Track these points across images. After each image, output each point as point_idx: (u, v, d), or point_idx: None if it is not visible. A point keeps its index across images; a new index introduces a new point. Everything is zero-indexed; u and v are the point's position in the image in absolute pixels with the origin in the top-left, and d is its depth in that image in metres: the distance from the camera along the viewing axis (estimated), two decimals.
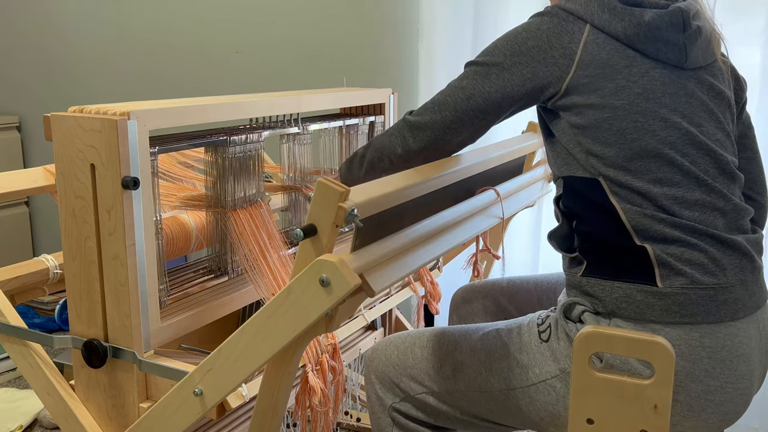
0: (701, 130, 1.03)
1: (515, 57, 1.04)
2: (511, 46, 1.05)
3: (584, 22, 1.03)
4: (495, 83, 1.05)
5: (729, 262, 1.01)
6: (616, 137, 1.01)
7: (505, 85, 1.05)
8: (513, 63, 1.04)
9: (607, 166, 1.02)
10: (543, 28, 1.04)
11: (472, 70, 1.08)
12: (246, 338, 0.94)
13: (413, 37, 2.20)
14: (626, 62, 1.02)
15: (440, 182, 1.12)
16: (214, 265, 1.33)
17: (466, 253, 1.81)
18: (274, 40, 2.44)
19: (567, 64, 1.02)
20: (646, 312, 1.00)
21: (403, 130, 1.13)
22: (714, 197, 1.02)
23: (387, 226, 1.00)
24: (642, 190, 1.01)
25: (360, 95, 1.56)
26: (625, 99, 1.01)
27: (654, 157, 1.01)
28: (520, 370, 1.09)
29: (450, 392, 1.16)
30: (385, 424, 1.22)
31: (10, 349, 1.19)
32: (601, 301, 1.03)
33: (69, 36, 2.79)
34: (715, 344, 0.99)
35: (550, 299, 1.42)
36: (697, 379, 0.99)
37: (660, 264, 1.00)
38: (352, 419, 1.95)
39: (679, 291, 0.99)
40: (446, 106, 1.08)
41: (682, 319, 0.99)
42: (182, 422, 1.03)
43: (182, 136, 1.24)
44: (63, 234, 1.11)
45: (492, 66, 1.06)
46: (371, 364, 1.25)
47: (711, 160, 1.03)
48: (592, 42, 1.02)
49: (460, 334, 1.19)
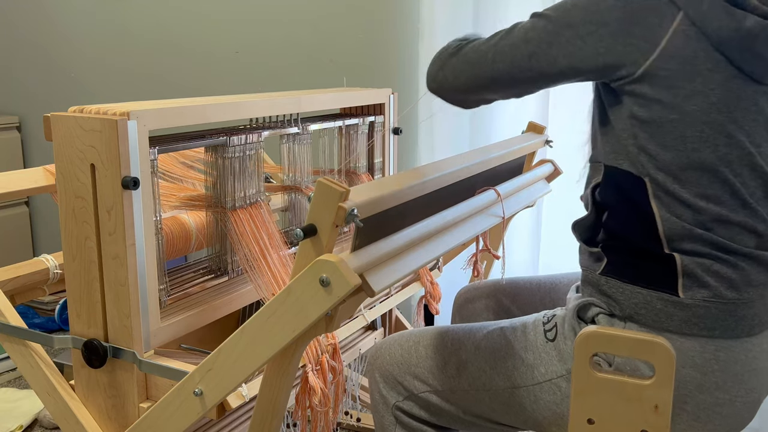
0: (759, 150, 0.98)
1: (593, 24, 0.93)
2: (591, 10, 0.94)
3: (678, 9, 0.92)
4: (564, 48, 0.95)
5: (755, 278, 0.98)
6: (677, 142, 0.95)
7: (574, 52, 0.95)
8: (589, 31, 0.94)
9: (657, 168, 0.96)
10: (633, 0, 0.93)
11: (541, 25, 0.97)
12: (246, 338, 0.94)
13: (413, 37, 2.19)
14: (710, 65, 0.93)
15: (440, 182, 1.12)
16: (214, 265, 1.33)
17: (466, 253, 1.80)
18: (274, 40, 2.44)
19: (648, 49, 0.93)
20: (665, 321, 0.98)
21: (446, 59, 1.07)
22: (755, 221, 0.98)
23: (387, 226, 1.00)
24: (687, 201, 0.96)
25: (360, 95, 1.56)
26: (698, 105, 0.93)
27: (709, 172, 0.95)
28: (525, 368, 1.09)
29: (454, 391, 1.16)
30: (388, 423, 1.22)
31: (10, 349, 1.19)
32: (619, 303, 1.01)
33: (69, 36, 2.79)
34: (730, 358, 0.97)
35: (553, 300, 1.42)
36: (707, 391, 0.98)
37: (685, 274, 0.97)
38: (352, 419, 1.95)
39: (700, 303, 0.97)
40: (504, 56, 0.99)
41: (700, 331, 0.97)
42: (182, 422, 1.03)
43: (182, 136, 1.24)
44: (63, 234, 1.11)
45: (565, 27, 0.95)
46: (375, 362, 1.25)
47: (761, 183, 0.98)
48: (681, 32, 0.92)
49: (465, 333, 1.19)
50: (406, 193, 1.01)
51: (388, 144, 1.69)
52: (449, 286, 2.11)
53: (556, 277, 1.46)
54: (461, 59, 1.05)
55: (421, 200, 1.07)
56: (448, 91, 1.09)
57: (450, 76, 1.06)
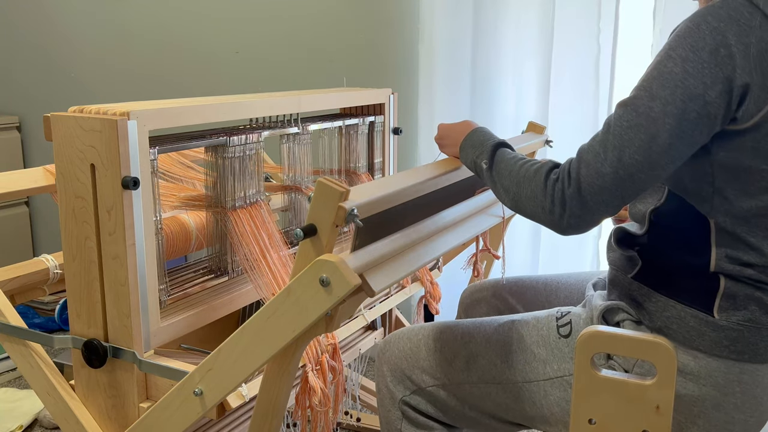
0: None
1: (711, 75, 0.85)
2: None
3: None
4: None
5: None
6: (761, 191, 0.91)
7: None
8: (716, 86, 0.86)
9: (727, 213, 0.92)
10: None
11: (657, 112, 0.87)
12: (246, 338, 0.94)
13: (413, 37, 2.19)
14: None
15: (440, 182, 1.12)
16: (214, 265, 1.33)
17: (466, 253, 1.80)
18: (274, 40, 2.44)
19: (765, 98, 0.86)
20: (696, 339, 0.96)
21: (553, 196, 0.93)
22: None
23: (387, 226, 1.00)
24: (752, 244, 0.93)
25: (360, 95, 1.56)
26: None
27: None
28: (537, 363, 1.08)
29: (462, 385, 1.15)
30: (394, 418, 1.22)
31: (10, 349, 1.19)
32: (650, 314, 0.99)
33: (69, 36, 2.79)
34: (753, 381, 0.97)
35: (559, 298, 1.41)
36: (724, 411, 0.97)
37: (726, 296, 0.95)
38: (352, 419, 1.95)
39: (734, 326, 0.95)
40: (639, 165, 0.87)
41: (729, 354, 0.95)
42: (182, 422, 1.03)
43: (182, 136, 1.24)
44: (63, 234, 1.11)
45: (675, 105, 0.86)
46: (384, 356, 1.24)
47: None
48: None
49: (474, 327, 1.18)
50: (406, 193, 1.01)
51: (388, 144, 1.69)
52: (449, 286, 2.11)
53: (562, 277, 1.46)
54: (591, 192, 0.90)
55: (421, 200, 1.07)
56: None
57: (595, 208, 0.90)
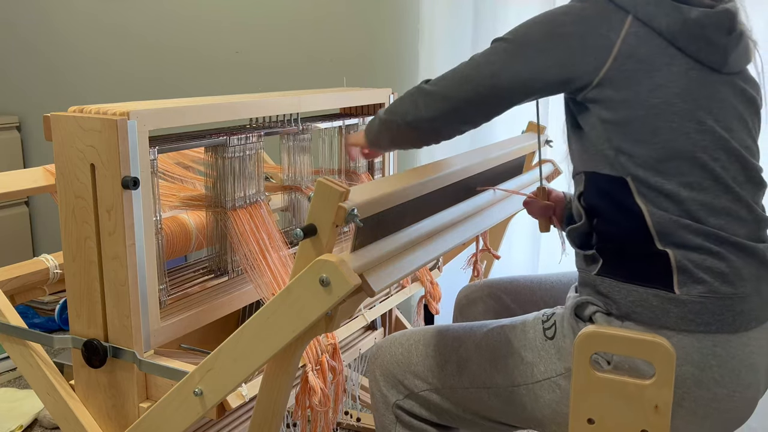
0: (732, 135, 1.00)
1: (550, 40, 0.99)
2: (547, 28, 1.00)
3: (627, 13, 0.98)
4: (525, 64, 1.00)
5: (748, 271, 0.99)
6: (650, 136, 0.97)
7: (535, 68, 1.00)
8: (547, 46, 0.99)
9: (636, 165, 0.98)
10: (584, 14, 0.99)
11: (501, 47, 1.02)
12: (246, 338, 0.94)
13: (413, 37, 2.19)
14: (666, 60, 0.97)
15: (440, 182, 1.12)
16: (214, 265, 1.33)
17: (466, 253, 1.81)
18: (274, 40, 2.44)
19: (604, 55, 0.97)
20: (661, 318, 0.99)
21: (417, 96, 1.09)
22: (739, 206, 0.99)
23: (387, 226, 1.00)
24: (671, 193, 0.97)
25: (360, 95, 1.56)
26: (662, 98, 0.97)
27: (686, 159, 0.97)
28: (524, 367, 1.09)
29: (454, 389, 1.16)
30: (388, 422, 1.22)
31: (10, 349, 1.19)
32: (616, 302, 1.02)
33: (69, 36, 2.79)
34: (727, 354, 0.98)
35: (554, 298, 1.42)
36: (705, 387, 0.98)
37: (680, 270, 0.98)
38: (352, 419, 1.95)
39: (696, 299, 0.97)
40: (468, 80, 1.04)
41: (697, 327, 0.97)
42: (182, 422, 1.03)
43: (182, 136, 1.24)
44: (63, 234, 1.11)
45: (524, 46, 1.00)
46: (376, 361, 1.25)
47: (740, 167, 1.00)
48: (633, 35, 0.97)
49: (465, 331, 1.19)
50: (406, 193, 1.01)
51: None
52: (449, 286, 2.11)
53: (558, 276, 1.46)
54: (430, 92, 1.08)
55: (421, 200, 1.07)
56: (424, 122, 1.10)
57: (423, 108, 1.08)
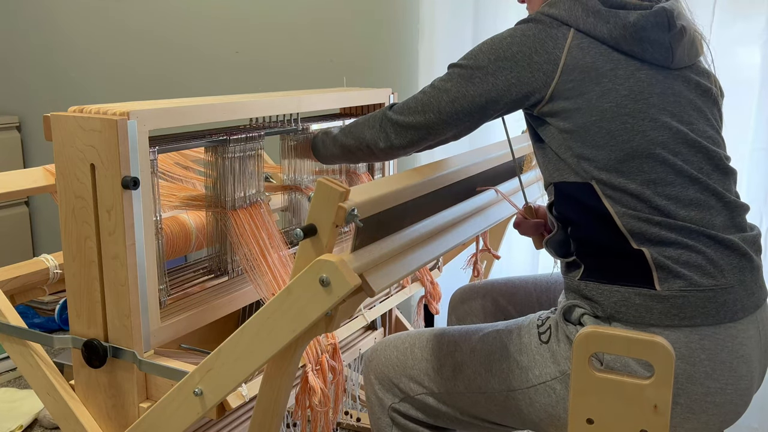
0: (692, 128, 1.02)
1: (499, 62, 1.04)
2: (495, 51, 1.05)
3: (568, 27, 1.03)
4: (479, 87, 1.05)
5: (727, 262, 1.00)
6: (606, 139, 1.00)
7: (489, 89, 1.05)
8: (497, 68, 1.04)
9: (599, 169, 1.01)
10: (528, 33, 1.04)
11: (456, 72, 1.08)
12: (246, 338, 0.94)
13: (413, 37, 2.19)
14: (611, 65, 1.01)
15: (440, 182, 1.12)
16: (214, 265, 1.33)
17: (466, 253, 1.81)
18: (274, 40, 2.44)
19: (551, 69, 1.02)
20: (645, 316, 1.00)
21: (386, 126, 1.15)
22: (708, 195, 1.01)
23: (387, 226, 1.00)
24: (635, 192, 1.00)
25: (360, 95, 1.56)
26: (612, 101, 1.00)
27: (646, 157, 1.00)
28: (519, 371, 1.09)
29: (450, 393, 1.16)
30: (384, 425, 1.22)
31: (10, 349, 1.19)
32: (600, 305, 1.03)
33: (69, 36, 2.79)
34: (715, 346, 0.98)
35: (549, 299, 1.42)
36: (698, 382, 0.98)
37: (658, 267, 0.99)
38: (352, 419, 1.95)
39: (677, 294, 0.98)
40: (430, 107, 1.09)
41: (681, 322, 0.99)
42: (182, 422, 1.03)
43: (182, 136, 1.24)
44: (63, 234, 1.11)
45: (476, 70, 1.06)
46: (370, 364, 1.25)
47: (704, 157, 1.02)
48: (576, 47, 1.02)
49: (460, 335, 1.19)
50: (406, 193, 1.01)
51: None
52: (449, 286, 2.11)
53: (553, 277, 1.46)
54: (398, 121, 1.14)
55: (421, 200, 1.07)
56: (397, 150, 1.17)
57: (394, 137, 1.15)
